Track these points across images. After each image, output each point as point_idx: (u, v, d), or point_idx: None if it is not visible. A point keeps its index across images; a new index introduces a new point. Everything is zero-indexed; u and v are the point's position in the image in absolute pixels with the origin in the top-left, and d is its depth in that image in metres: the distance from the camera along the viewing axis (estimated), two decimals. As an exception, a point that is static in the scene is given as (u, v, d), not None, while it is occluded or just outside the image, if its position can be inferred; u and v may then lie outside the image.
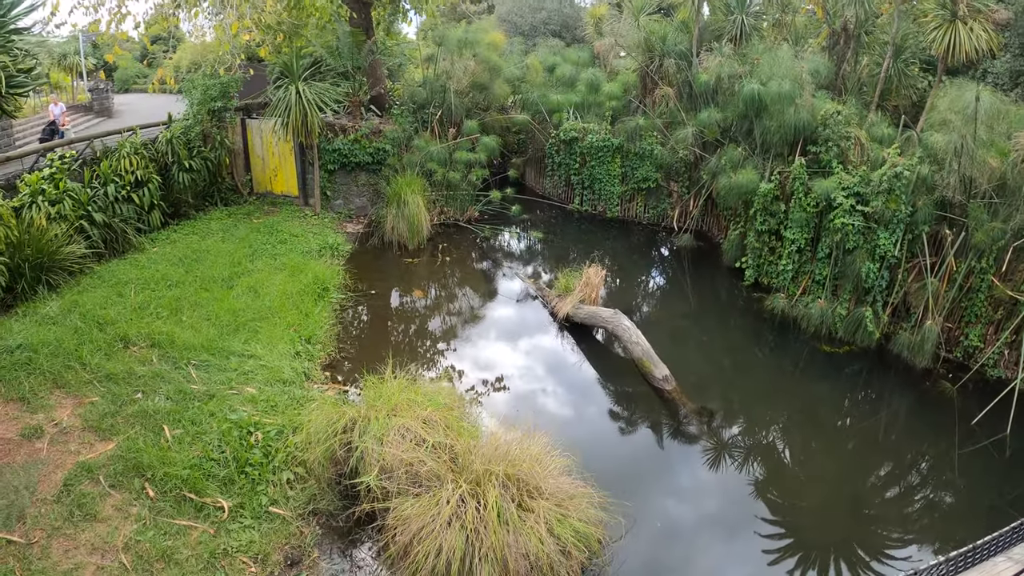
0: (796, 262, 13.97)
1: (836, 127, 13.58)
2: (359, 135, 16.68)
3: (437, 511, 6.38)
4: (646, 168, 17.72)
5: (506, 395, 10.96)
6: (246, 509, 7.63)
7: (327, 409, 8.18)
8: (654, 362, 11.01)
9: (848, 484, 9.55)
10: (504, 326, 13.46)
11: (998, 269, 11.90)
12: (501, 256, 16.72)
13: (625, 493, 8.19)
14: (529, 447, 7.34)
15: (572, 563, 6.66)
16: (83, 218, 12.77)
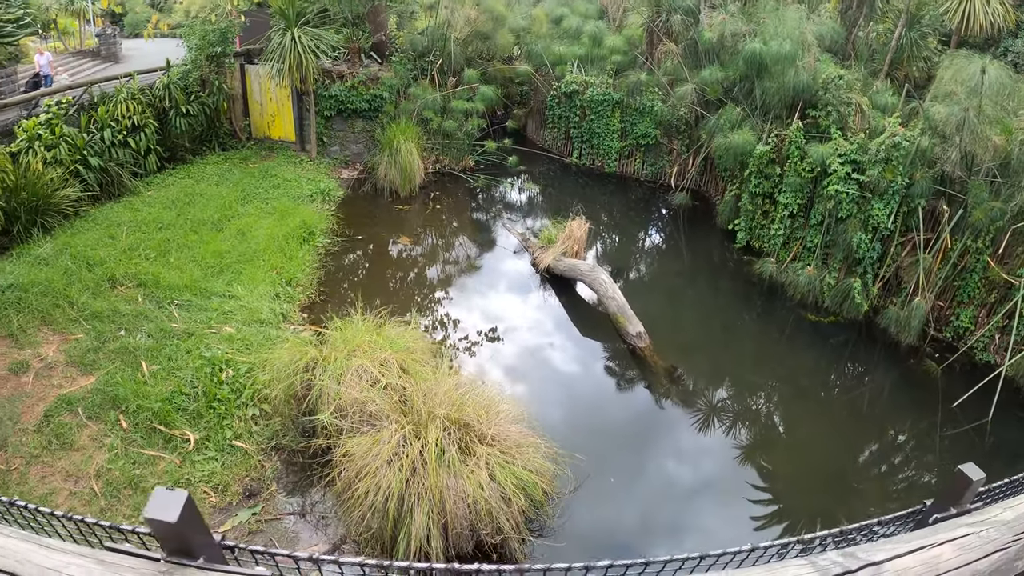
0: (788, 227, 13.89)
1: (837, 92, 13.43)
2: (356, 82, 16.62)
3: (378, 450, 6.54)
4: (645, 124, 17.53)
5: (474, 343, 11.08)
6: (211, 442, 8.11)
7: (291, 348, 8.41)
8: (628, 318, 11.08)
9: (819, 454, 9.63)
10: (485, 275, 13.59)
11: (995, 250, 11.77)
12: (493, 206, 16.81)
13: (582, 447, 8.33)
14: (482, 393, 7.51)
15: (513, 510, 6.70)
16: (79, 162, 13.00)
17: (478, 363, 10.56)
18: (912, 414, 10.88)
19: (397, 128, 16.21)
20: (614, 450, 9.09)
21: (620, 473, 8.66)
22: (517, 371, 10.62)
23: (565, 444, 8.06)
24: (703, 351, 12.04)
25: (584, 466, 8.09)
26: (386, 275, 13.26)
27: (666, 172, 18.06)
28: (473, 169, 17.70)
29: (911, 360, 11.92)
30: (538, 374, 10.69)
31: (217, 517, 7.17)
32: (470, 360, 10.64)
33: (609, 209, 17.73)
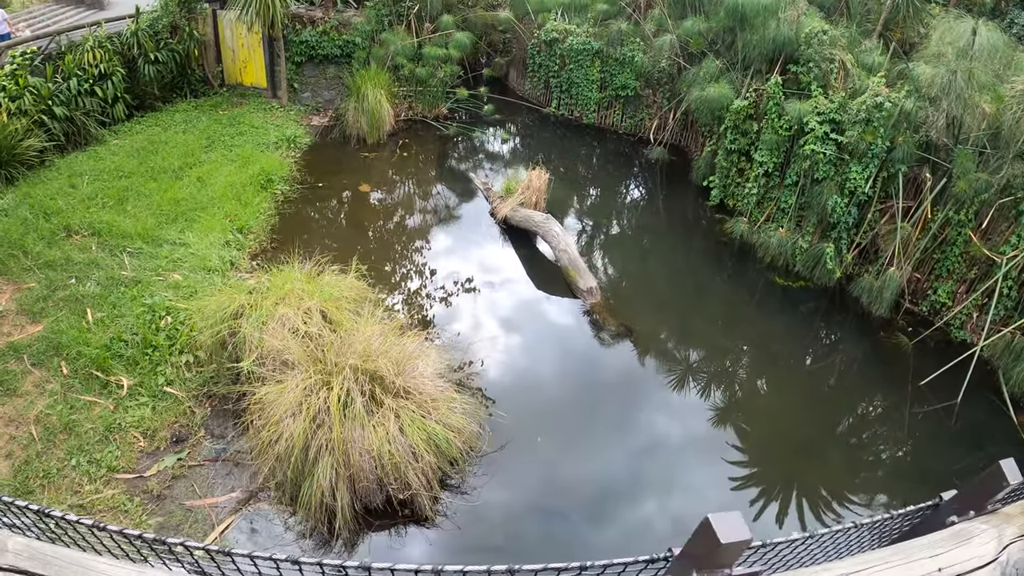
0: (762, 187, 13.55)
1: (819, 48, 12.93)
2: (328, 27, 16.36)
3: (283, 399, 6.64)
4: (626, 75, 17.10)
5: (419, 293, 11.19)
6: (144, 388, 8.39)
7: (220, 295, 8.59)
8: (580, 272, 11.08)
9: (775, 424, 9.53)
10: (441, 224, 13.52)
11: (978, 224, 11.45)
12: (460, 155, 16.58)
13: (518, 405, 8.62)
14: (403, 345, 7.44)
15: (423, 466, 6.73)
16: (44, 112, 12.94)
17: (421, 314, 10.53)
18: (879, 389, 10.66)
19: (366, 75, 16.05)
20: (550, 409, 9.06)
21: (554, 434, 8.62)
22: (459, 323, 10.57)
23: (502, 401, 8.43)
24: (663, 309, 11.91)
25: (512, 424, 8.18)
26: (340, 223, 13.23)
27: (645, 125, 17.59)
28: (446, 117, 17.42)
29: (882, 332, 11.68)
30: (481, 327, 10.60)
31: (144, 462, 7.42)
32: (413, 311, 10.62)
33: (584, 161, 17.53)
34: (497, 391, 8.86)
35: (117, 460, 7.26)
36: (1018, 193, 10.79)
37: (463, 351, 9.66)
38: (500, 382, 9.38)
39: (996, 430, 9.84)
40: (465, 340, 10.09)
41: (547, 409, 9.13)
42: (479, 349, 9.90)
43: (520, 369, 9.99)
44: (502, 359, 10.03)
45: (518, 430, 8.25)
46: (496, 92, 19.23)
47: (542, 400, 9.33)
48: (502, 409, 8.34)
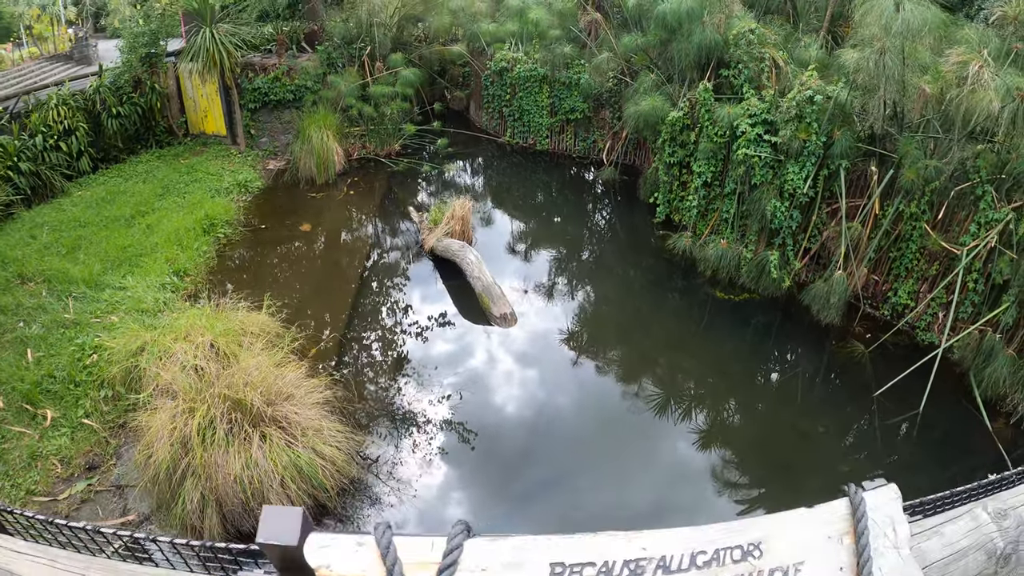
0: (703, 198, 13.00)
1: (748, 48, 12.48)
2: (279, 73, 17.11)
3: (155, 425, 7.05)
4: (573, 98, 17.28)
5: (328, 326, 11.23)
6: (65, 420, 8.98)
7: (126, 334, 9.14)
8: (493, 299, 11.14)
9: (708, 443, 9.07)
10: (371, 258, 13.67)
11: (934, 216, 10.77)
12: (407, 190, 16.66)
13: (403, 435, 8.87)
14: (282, 376, 7.84)
15: (288, 491, 6.96)
16: (10, 168, 13.78)
17: (327, 345, 10.62)
18: (836, 404, 10.04)
19: (312, 117, 16.65)
20: (440, 440, 8.98)
21: (444, 465, 8.60)
22: (367, 354, 10.77)
23: (389, 431, 8.79)
24: (590, 332, 11.59)
25: (391, 454, 8.51)
26: (274, 262, 13.40)
27: (598, 147, 17.75)
28: (399, 154, 17.82)
29: (833, 342, 11.08)
30: (389, 356, 10.71)
31: (59, 487, 7.81)
32: (319, 343, 10.67)
33: (534, 187, 17.37)
34: (390, 420, 9.13)
35: (36, 484, 7.74)
36: (973, 177, 10.15)
37: (354, 382, 9.76)
38: (390, 411, 9.45)
39: (971, 439, 9.16)
40: (367, 371, 10.26)
41: (439, 438, 9.03)
42: (382, 377, 10.08)
43: (415, 399, 9.79)
44: (394, 387, 9.97)
45: (400, 458, 8.52)
46: (458, 126, 19.63)
47: (437, 430, 9.20)
48: (393, 437, 8.73)
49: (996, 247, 9.99)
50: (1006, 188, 10.09)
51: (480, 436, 9.13)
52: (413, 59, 19.53)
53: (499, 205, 16.42)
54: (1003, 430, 9.29)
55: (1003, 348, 9.73)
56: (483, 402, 9.85)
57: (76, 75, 18.42)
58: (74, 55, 26.14)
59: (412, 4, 19.11)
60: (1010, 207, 9.90)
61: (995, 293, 10.20)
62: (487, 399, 9.94)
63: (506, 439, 9.25)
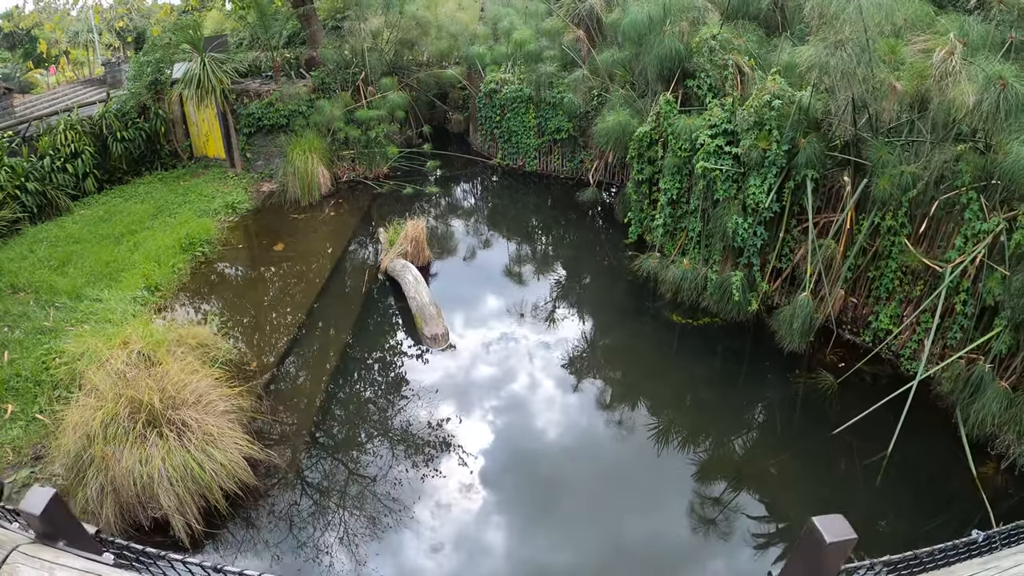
0: (670, 216, 12.36)
1: (711, 55, 11.91)
2: (273, 98, 18.07)
3: (71, 419, 7.87)
4: (559, 118, 17.48)
5: (270, 341, 11.59)
6: (23, 414, 9.30)
7: (75, 340, 10.05)
8: (426, 319, 11.26)
9: (630, 484, 8.74)
10: (332, 277, 13.93)
11: (915, 229, 9.90)
12: (387, 212, 16.87)
13: (304, 455, 9.03)
14: (194, 383, 8.42)
15: (180, 491, 7.42)
16: (18, 188, 15.06)
17: (265, 359, 10.97)
18: (783, 443, 9.31)
19: (298, 141, 17.48)
20: (343, 459, 9.11)
21: (335, 483, 8.71)
22: (299, 373, 10.96)
23: (298, 448, 8.99)
24: (531, 355, 11.34)
25: (293, 469, 8.72)
26: (240, 279, 14.00)
27: (585, 167, 17.84)
28: (388, 176, 18.53)
29: (799, 372, 10.44)
30: (314, 376, 10.82)
31: (8, 472, 8.52)
32: (262, 357, 11.07)
33: (515, 209, 17.48)
34: (288, 433, 9.36)
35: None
36: (956, 183, 9.22)
37: (278, 397, 10.08)
38: (301, 425, 9.66)
39: (951, 486, 8.31)
40: (295, 388, 10.46)
41: (351, 453, 9.18)
42: (306, 398, 10.18)
43: (344, 414, 9.97)
44: (325, 409, 10.08)
45: (301, 474, 8.75)
46: (458, 149, 20.09)
47: (352, 445, 9.37)
48: (287, 449, 8.90)
49: (985, 262, 9.02)
50: (998, 194, 9.05)
51: (388, 461, 8.95)
52: (411, 83, 20.01)
53: (476, 226, 16.45)
54: (991, 476, 8.31)
55: (994, 380, 8.67)
56: (401, 427, 9.53)
57: (51, 110, 19.76)
58: (107, 79, 28.98)
59: (407, 29, 19.63)
60: (1002, 216, 8.85)
61: (988, 316, 9.17)
62: (405, 424, 9.60)
63: (425, 465, 8.93)
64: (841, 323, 11.13)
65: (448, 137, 21.30)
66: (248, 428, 8.86)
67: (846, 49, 9.22)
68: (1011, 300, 8.52)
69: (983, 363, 8.83)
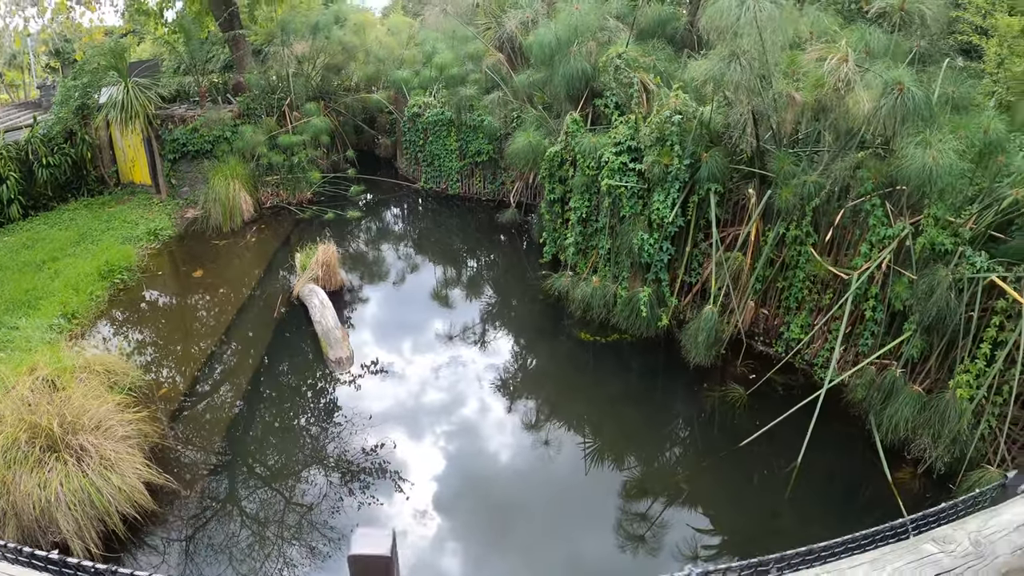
0: (580, 234, 12.51)
1: (617, 74, 12.08)
2: (198, 124, 18.18)
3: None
4: (479, 141, 17.79)
5: (179, 369, 11.68)
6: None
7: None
8: (331, 343, 11.30)
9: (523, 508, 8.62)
10: (244, 305, 13.99)
11: (821, 238, 10.11)
12: (307, 237, 16.83)
13: (205, 481, 8.94)
14: (94, 409, 8.54)
15: (75, 514, 7.55)
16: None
17: (178, 389, 11.01)
18: (687, 459, 9.43)
19: (220, 167, 17.63)
20: (242, 486, 9.05)
21: (233, 512, 8.61)
22: (205, 399, 10.90)
23: (199, 475, 9.00)
24: (435, 376, 11.41)
25: (193, 495, 8.71)
26: (157, 306, 14.14)
27: (506, 188, 18.12)
28: (311, 201, 18.73)
29: (708, 386, 10.56)
30: (220, 402, 10.84)
31: None
32: (170, 381, 11.23)
33: (435, 232, 17.55)
34: (198, 459, 9.35)
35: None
36: (860, 191, 9.45)
37: (183, 424, 10.11)
38: (205, 449, 9.66)
39: (867, 492, 8.52)
40: (200, 415, 10.45)
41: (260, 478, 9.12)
42: (209, 424, 10.22)
43: (233, 439, 9.88)
44: (228, 436, 10.02)
45: (206, 501, 8.72)
46: (386, 173, 20.33)
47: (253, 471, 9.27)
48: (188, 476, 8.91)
49: (892, 268, 9.22)
50: (904, 199, 9.28)
51: (290, 484, 8.93)
52: (338, 108, 20.10)
53: (397, 250, 16.59)
54: (907, 481, 8.41)
55: (906, 384, 8.85)
56: (304, 450, 9.55)
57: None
58: (42, 102, 29.30)
59: (334, 54, 19.85)
60: (908, 221, 9.05)
61: (898, 321, 9.35)
62: (309, 446, 9.63)
63: (328, 486, 8.86)
64: (753, 335, 11.28)
65: (376, 162, 21.48)
66: (151, 453, 8.86)
67: (740, 61, 9.31)
68: (919, 304, 8.65)
69: (895, 368, 8.98)
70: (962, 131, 8.74)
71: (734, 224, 11.21)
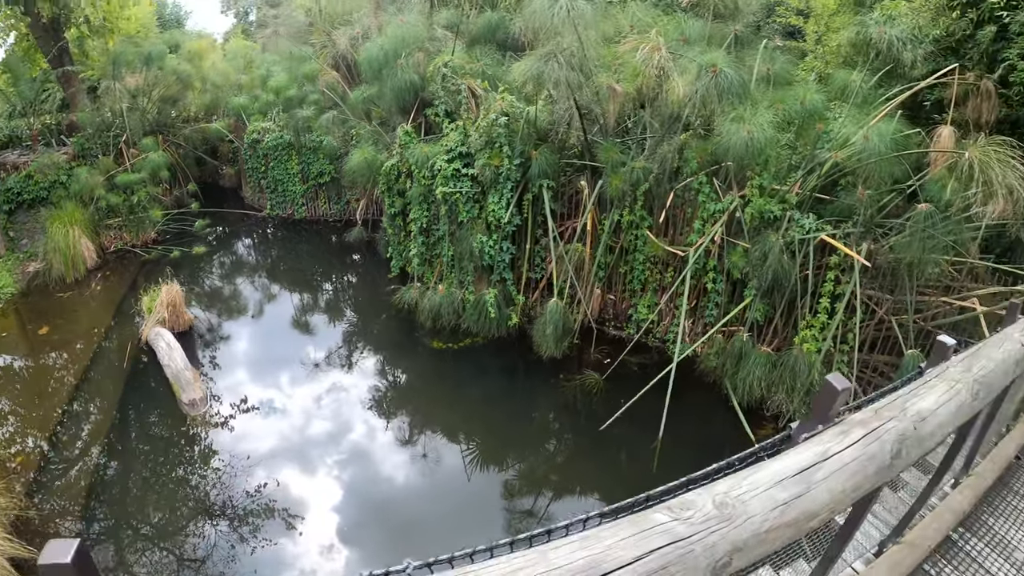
0: (423, 244, 12.65)
1: (443, 82, 12.24)
2: (32, 170, 17.39)
3: None
4: (320, 162, 17.77)
5: (24, 432, 11.27)
6: None
7: None
8: (182, 385, 10.94)
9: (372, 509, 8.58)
10: (95, 356, 13.60)
11: (656, 220, 10.51)
12: (154, 279, 16.26)
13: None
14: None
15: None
16: None
17: (29, 453, 10.57)
18: (566, 445, 9.75)
19: (58, 214, 16.93)
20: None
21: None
22: (59, 461, 10.56)
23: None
24: (297, 403, 11.29)
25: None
26: (6, 369, 13.47)
27: (352, 207, 18.09)
28: (156, 241, 18.15)
29: (560, 375, 10.79)
30: (80, 457, 10.51)
31: None
32: (23, 450, 10.76)
33: (283, 259, 17.53)
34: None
35: None
36: (687, 170, 10.01)
37: (40, 488, 9.74)
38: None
39: (733, 452, 9.20)
40: (54, 476, 10.09)
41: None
42: (63, 484, 9.89)
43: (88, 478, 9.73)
44: (88, 493, 9.76)
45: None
46: (232, 204, 19.77)
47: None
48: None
49: (726, 240, 9.76)
50: (731, 174, 9.86)
51: (176, 545, 8.74)
52: (177, 140, 19.52)
53: (247, 281, 16.32)
54: (770, 436, 9.37)
55: (754, 347, 9.38)
56: (184, 507, 9.30)
57: None
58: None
59: (169, 84, 19.37)
60: (737, 194, 9.56)
61: (740, 289, 9.92)
62: (188, 502, 9.37)
63: (206, 532, 8.78)
64: (604, 321, 11.60)
65: (222, 193, 20.87)
66: (13, 527, 8.56)
67: (558, 59, 9.54)
68: (755, 270, 9.21)
69: (742, 333, 9.51)
70: (779, 105, 9.39)
71: (572, 217, 11.52)
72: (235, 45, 23.19)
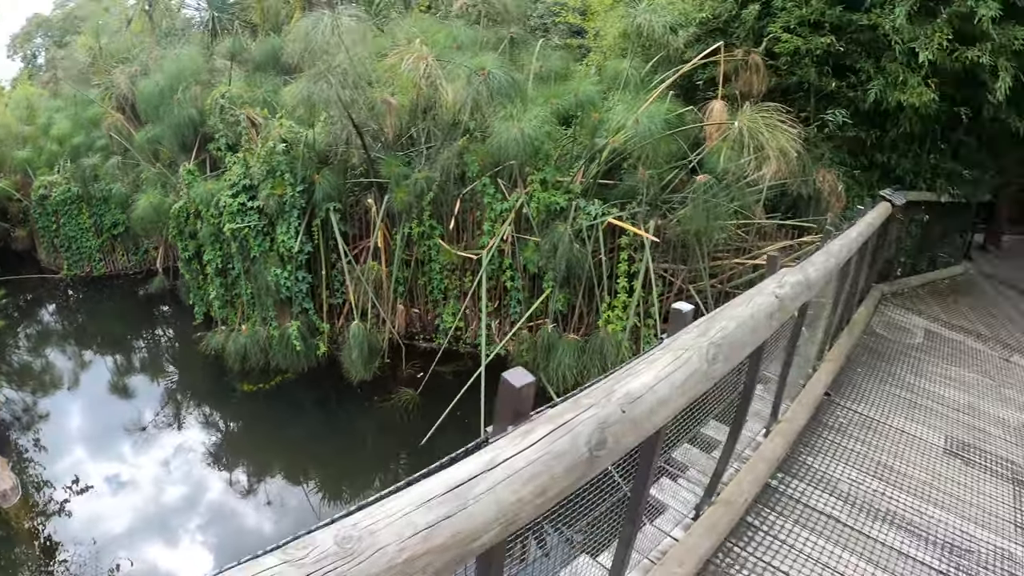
0: (220, 286, 12.21)
1: (222, 114, 11.91)
2: None
3: None
4: (112, 212, 16.80)
5: None
6: None
7: None
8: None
9: None
10: None
11: (447, 228, 10.56)
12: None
13: None
14: None
15: None
16: None
17: None
18: (394, 466, 9.59)
19: None
20: None
21: None
22: None
23: None
24: (93, 473, 10.38)
25: None
26: None
27: (151, 256, 17.24)
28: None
29: (374, 397, 10.68)
30: None
31: None
32: None
33: (85, 324, 16.57)
34: None
35: None
36: (470, 174, 10.13)
37: None
38: None
39: None
40: None
41: None
42: None
43: None
44: None
45: None
46: (28, 269, 18.60)
47: None
48: None
49: (516, 237, 9.91)
50: (516, 172, 10.02)
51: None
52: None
53: (46, 354, 15.14)
54: None
55: (560, 337, 9.55)
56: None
57: None
58: None
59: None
60: (524, 191, 9.74)
61: (539, 283, 10.17)
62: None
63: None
64: (413, 335, 11.56)
65: (16, 258, 19.37)
66: None
67: (328, 78, 9.45)
68: (549, 262, 9.47)
69: (547, 324, 9.69)
70: (554, 100, 9.73)
71: (365, 236, 11.39)
72: (20, 92, 21.43)
